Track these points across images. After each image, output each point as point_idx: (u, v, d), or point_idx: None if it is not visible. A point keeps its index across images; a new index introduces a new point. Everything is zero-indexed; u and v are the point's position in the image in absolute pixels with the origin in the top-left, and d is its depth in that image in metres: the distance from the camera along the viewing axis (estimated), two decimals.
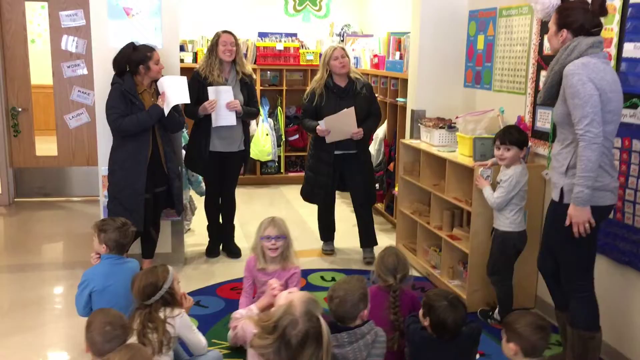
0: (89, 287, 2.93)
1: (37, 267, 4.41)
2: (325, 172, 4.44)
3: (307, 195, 4.65)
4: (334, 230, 4.81)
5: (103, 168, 4.09)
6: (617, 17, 2.93)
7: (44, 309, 3.76)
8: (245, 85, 4.41)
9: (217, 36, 4.29)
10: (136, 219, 3.57)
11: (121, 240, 3.02)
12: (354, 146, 4.36)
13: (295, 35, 6.96)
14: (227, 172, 4.57)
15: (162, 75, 3.86)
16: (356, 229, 4.69)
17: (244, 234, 5.01)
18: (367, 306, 2.49)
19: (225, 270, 4.37)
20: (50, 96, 6.03)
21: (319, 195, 4.55)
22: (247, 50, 6.77)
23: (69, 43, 5.86)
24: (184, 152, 4.51)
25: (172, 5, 4.11)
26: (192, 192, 5.10)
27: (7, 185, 5.95)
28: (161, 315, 2.60)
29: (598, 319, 2.79)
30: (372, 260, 4.38)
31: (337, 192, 4.70)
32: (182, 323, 2.65)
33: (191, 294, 3.93)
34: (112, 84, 3.74)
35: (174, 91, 3.81)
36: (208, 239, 4.72)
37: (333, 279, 4.21)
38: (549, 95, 2.71)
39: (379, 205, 5.63)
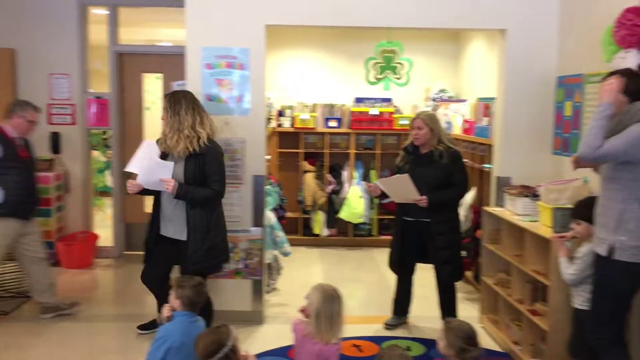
0: (167, 343, 3.00)
1: (140, 317, 4.63)
2: (397, 238, 4.38)
3: (389, 263, 4.55)
4: (405, 303, 4.57)
5: None
6: None
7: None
8: (195, 160, 3.62)
9: None
10: None
11: (194, 298, 3.16)
12: (426, 214, 4.16)
13: (390, 100, 7.09)
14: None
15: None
16: None
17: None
18: None
19: None
20: None
21: (392, 261, 4.47)
22: (343, 115, 7.00)
23: None
24: None
25: (259, 76, 4.39)
26: (277, 252, 5.25)
27: (117, 239, 6.48)
28: None
29: None
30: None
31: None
32: None
33: (263, 353, 4.02)
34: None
35: None
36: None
37: (408, 348, 4.10)
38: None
39: (467, 274, 5.44)
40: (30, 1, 6.02)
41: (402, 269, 4.47)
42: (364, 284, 5.73)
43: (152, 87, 6.64)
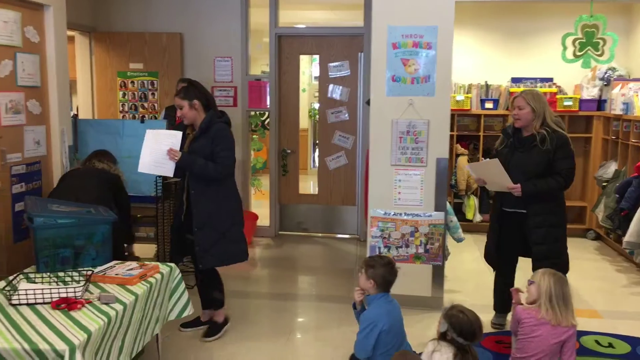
0: (377, 328, 2.97)
1: (294, 297, 4.72)
2: (493, 229, 4.04)
3: (484, 254, 4.19)
4: (505, 299, 3.97)
5: (372, 210, 4.35)
6: None
7: (295, 337, 4.07)
8: None
9: None
10: None
11: (388, 277, 3.09)
12: (522, 205, 3.80)
13: (551, 80, 6.69)
14: None
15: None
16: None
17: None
18: None
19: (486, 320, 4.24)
20: None
21: (487, 253, 4.13)
22: (500, 97, 6.69)
23: (334, 91, 6.38)
24: None
25: (446, 55, 4.23)
26: (448, 237, 5.11)
27: (274, 220, 6.61)
28: None
29: None
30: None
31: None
32: None
33: None
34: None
35: None
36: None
37: (610, 345, 3.84)
38: None
39: None
40: None
41: (499, 262, 4.09)
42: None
43: (308, 70, 6.69)
